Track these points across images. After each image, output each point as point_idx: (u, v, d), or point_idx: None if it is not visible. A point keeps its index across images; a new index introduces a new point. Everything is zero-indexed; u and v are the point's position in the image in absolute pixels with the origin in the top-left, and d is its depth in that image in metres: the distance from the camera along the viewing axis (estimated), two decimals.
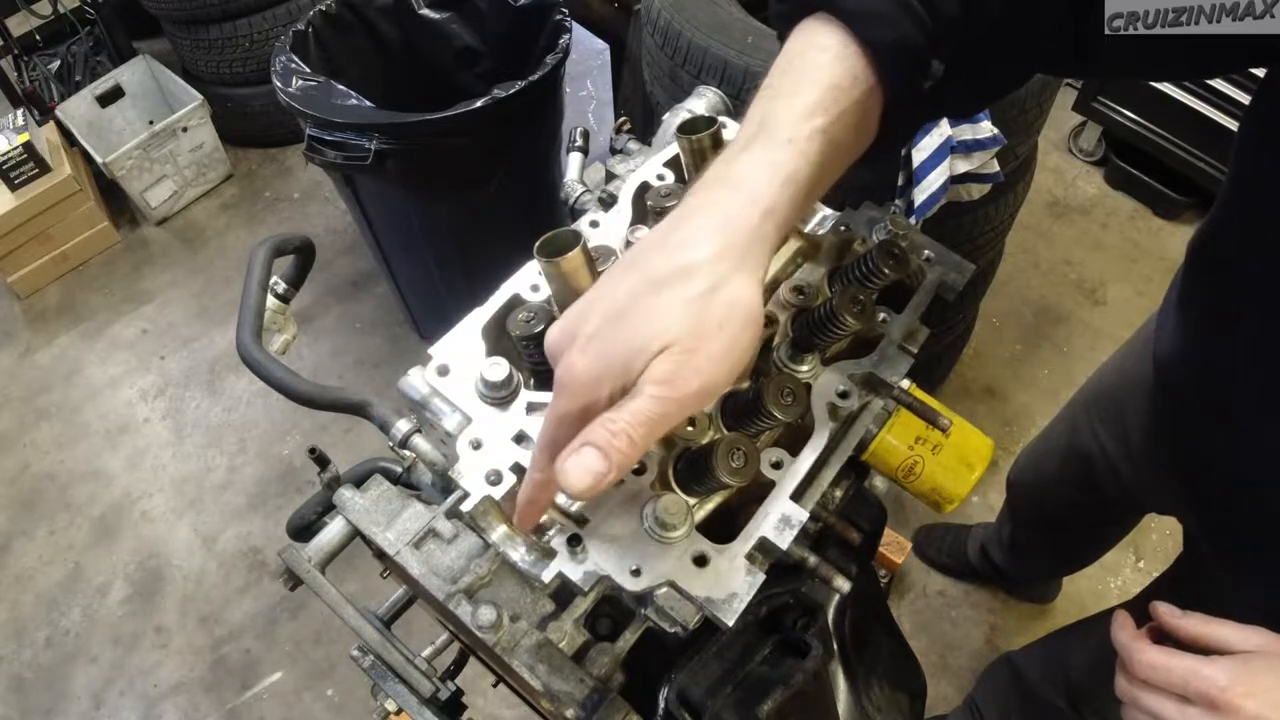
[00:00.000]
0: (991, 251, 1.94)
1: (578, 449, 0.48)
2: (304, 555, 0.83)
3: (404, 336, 2.75)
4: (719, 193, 0.54)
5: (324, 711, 2.09)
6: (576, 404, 0.51)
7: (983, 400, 2.47)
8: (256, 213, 3.19)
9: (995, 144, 1.47)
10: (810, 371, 0.76)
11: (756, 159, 0.54)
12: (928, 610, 2.14)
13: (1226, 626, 0.69)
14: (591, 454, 0.48)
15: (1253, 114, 0.65)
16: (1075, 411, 1.38)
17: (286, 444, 2.55)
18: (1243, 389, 0.76)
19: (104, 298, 3.00)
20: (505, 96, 1.84)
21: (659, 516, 0.63)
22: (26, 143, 2.79)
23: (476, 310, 0.76)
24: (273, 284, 1.12)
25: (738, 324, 0.50)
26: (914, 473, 0.84)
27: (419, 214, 2.14)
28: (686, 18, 1.51)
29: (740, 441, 0.63)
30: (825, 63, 0.55)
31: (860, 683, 1.04)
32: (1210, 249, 0.81)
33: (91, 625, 2.28)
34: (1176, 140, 2.62)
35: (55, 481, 2.56)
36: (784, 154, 0.53)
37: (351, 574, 1.97)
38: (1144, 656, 0.70)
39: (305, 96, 1.89)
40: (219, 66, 3.11)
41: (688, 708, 0.74)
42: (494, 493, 0.66)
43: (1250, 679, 0.64)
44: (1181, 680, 0.66)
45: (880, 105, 0.58)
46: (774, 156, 0.54)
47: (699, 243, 0.51)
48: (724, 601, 0.61)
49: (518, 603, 0.74)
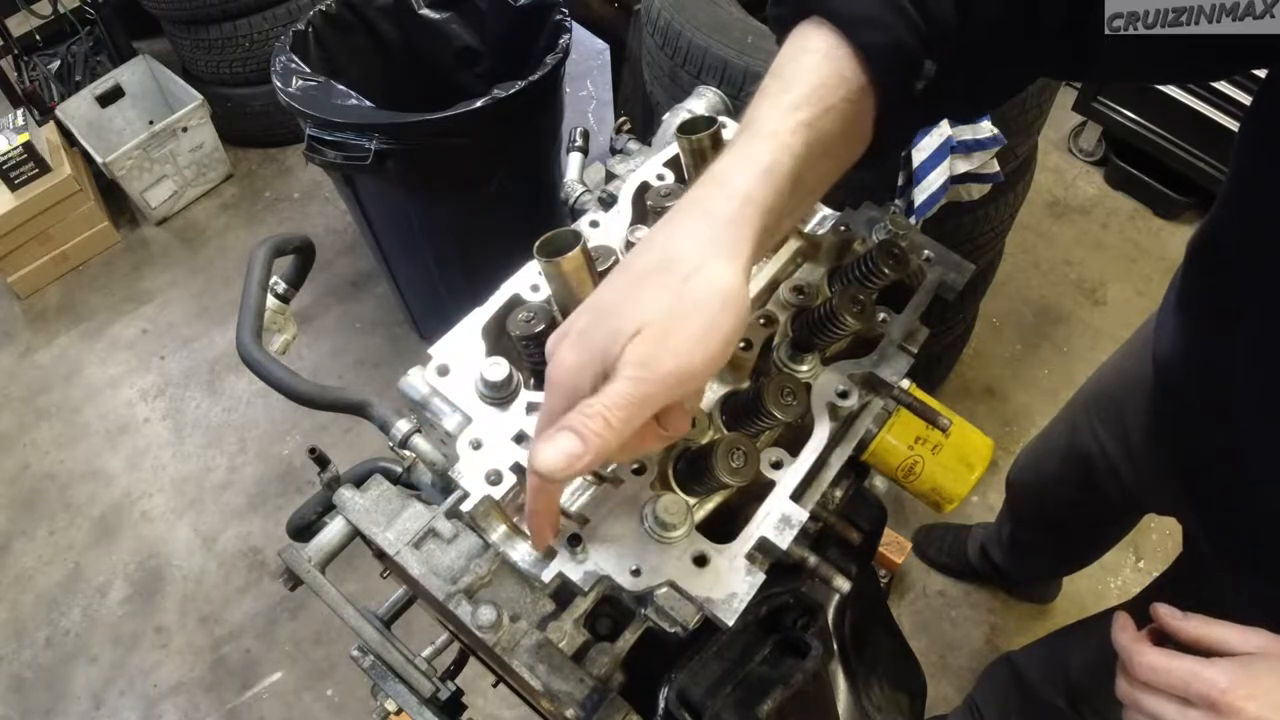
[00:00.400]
0: (991, 251, 1.94)
1: (553, 434, 0.49)
2: (304, 555, 0.83)
3: (404, 336, 2.75)
4: (701, 190, 0.55)
5: (324, 711, 2.09)
6: (562, 396, 0.51)
7: (983, 400, 2.47)
8: (256, 213, 3.19)
9: (995, 144, 1.47)
10: (810, 371, 0.76)
11: (738, 154, 0.55)
12: (928, 610, 2.14)
13: (1227, 628, 0.69)
14: (565, 436, 0.48)
15: (1253, 114, 0.65)
16: (1075, 411, 1.38)
17: (286, 444, 2.55)
18: (1242, 389, 0.76)
19: (104, 298, 3.00)
20: (505, 96, 1.84)
21: (659, 516, 0.63)
22: (26, 143, 2.79)
23: (476, 310, 0.76)
24: (273, 284, 1.12)
25: (715, 305, 0.51)
26: (914, 473, 0.84)
27: (419, 214, 2.14)
28: (686, 18, 1.51)
29: (740, 441, 0.64)
30: (813, 64, 0.56)
31: (860, 683, 1.04)
32: (1210, 249, 0.81)
33: (91, 625, 2.28)
34: (1176, 140, 2.62)
35: (55, 481, 2.56)
36: (764, 145, 0.54)
37: (351, 574, 1.97)
38: (1145, 659, 0.69)
39: (305, 96, 1.89)
40: (219, 66, 3.11)
41: (688, 708, 0.74)
42: (494, 493, 0.66)
43: (1251, 681, 0.64)
44: (1182, 682, 0.66)
45: (874, 108, 0.58)
46: (754, 149, 0.54)
47: (680, 238, 0.53)
48: (724, 601, 0.61)
49: (518, 603, 0.74)
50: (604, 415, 0.48)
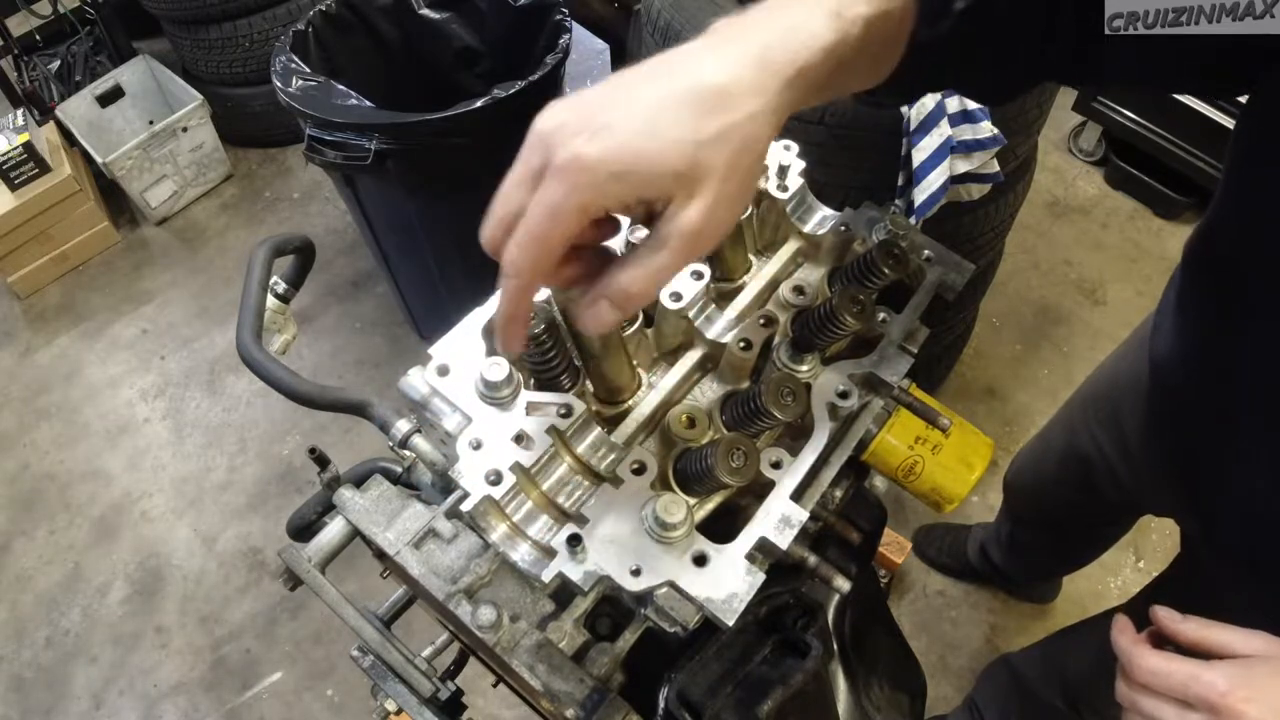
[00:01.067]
0: (991, 251, 1.94)
1: (593, 302, 0.50)
2: (304, 555, 0.83)
3: (404, 336, 2.75)
4: (761, 32, 0.51)
5: (324, 711, 2.09)
6: (579, 198, 0.47)
7: (983, 400, 2.47)
8: (256, 213, 3.19)
9: (995, 144, 1.47)
10: (810, 371, 0.76)
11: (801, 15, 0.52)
12: (928, 610, 2.14)
13: (1227, 631, 0.69)
14: (607, 308, 0.50)
15: (1249, 111, 0.65)
16: (1072, 412, 1.38)
17: (286, 444, 2.55)
18: (1241, 390, 0.76)
19: (104, 298, 3.00)
20: (505, 96, 1.84)
21: (659, 516, 0.63)
22: (26, 143, 2.79)
23: (476, 310, 0.76)
24: (273, 284, 1.12)
25: (756, 167, 0.50)
26: (914, 473, 0.84)
27: (419, 214, 2.14)
28: (686, 18, 1.51)
29: (740, 441, 0.64)
30: None
31: (860, 683, 1.04)
32: (1208, 248, 0.81)
33: (91, 625, 2.28)
34: (1176, 140, 2.62)
35: (55, 481, 2.56)
36: (827, 23, 0.52)
37: (351, 574, 1.97)
38: (1144, 662, 0.69)
39: (305, 96, 1.89)
40: (219, 66, 3.11)
41: (688, 708, 0.74)
42: (494, 493, 0.66)
43: (1251, 683, 0.63)
44: (1182, 685, 0.66)
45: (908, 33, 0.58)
46: (817, 21, 0.52)
47: (737, 73, 0.49)
48: (724, 601, 0.61)
49: (518, 603, 0.74)
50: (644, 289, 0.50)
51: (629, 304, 0.51)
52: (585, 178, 0.47)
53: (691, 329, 0.77)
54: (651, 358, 0.82)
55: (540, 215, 0.48)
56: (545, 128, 0.50)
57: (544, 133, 0.50)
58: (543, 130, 0.50)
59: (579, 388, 0.77)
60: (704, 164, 0.47)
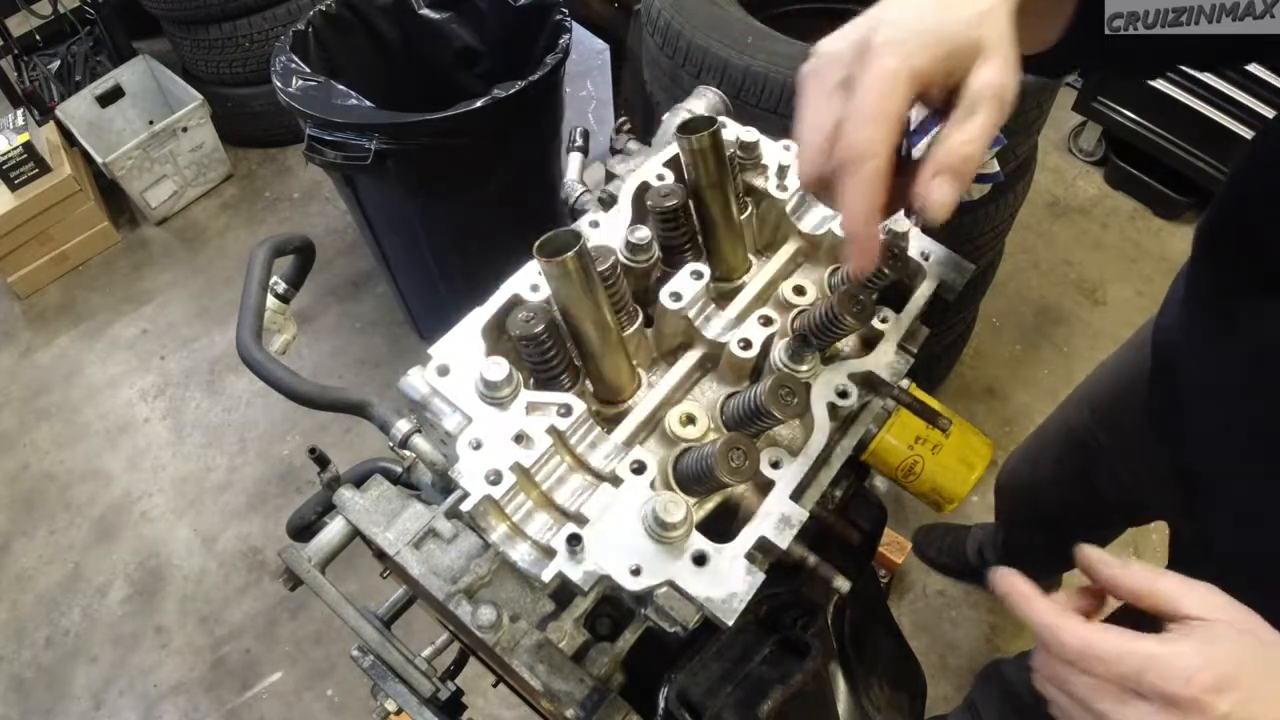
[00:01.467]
0: (991, 251, 1.94)
1: (931, 179, 0.51)
2: (304, 555, 0.83)
3: (404, 336, 2.75)
4: None
5: (324, 711, 2.09)
6: (910, 63, 0.50)
7: (983, 400, 2.47)
8: (256, 213, 3.19)
9: (995, 144, 1.45)
10: (810, 371, 0.76)
11: None
12: (928, 610, 2.14)
13: (1178, 581, 0.56)
14: (946, 182, 0.51)
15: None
16: (1071, 412, 1.38)
17: (286, 444, 2.55)
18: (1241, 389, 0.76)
19: (104, 298, 3.00)
20: (505, 96, 1.84)
21: (659, 516, 0.63)
22: (26, 143, 2.79)
23: (476, 310, 0.76)
24: (273, 284, 1.12)
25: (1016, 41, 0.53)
26: (914, 473, 0.84)
27: (419, 214, 2.14)
28: (686, 18, 1.51)
29: (740, 441, 0.64)
30: None
31: (860, 683, 1.04)
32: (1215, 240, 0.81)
33: (91, 625, 2.28)
34: (1176, 140, 2.62)
35: (55, 481, 2.56)
36: None
37: (351, 574, 1.97)
38: (1075, 636, 0.54)
39: (305, 96, 1.89)
40: (219, 66, 3.11)
41: (688, 708, 0.74)
42: (494, 492, 0.66)
43: (1215, 664, 0.50)
44: (1134, 672, 0.51)
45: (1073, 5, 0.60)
46: None
47: None
48: (724, 601, 0.61)
49: (518, 603, 0.74)
50: (976, 154, 0.51)
51: (967, 167, 0.51)
52: (913, 43, 0.50)
53: (691, 329, 0.77)
54: (651, 358, 0.82)
55: (876, 90, 0.50)
56: (834, 48, 0.53)
57: (833, 52, 0.53)
58: (832, 50, 0.53)
59: (579, 388, 0.77)
60: (990, 31, 0.51)
